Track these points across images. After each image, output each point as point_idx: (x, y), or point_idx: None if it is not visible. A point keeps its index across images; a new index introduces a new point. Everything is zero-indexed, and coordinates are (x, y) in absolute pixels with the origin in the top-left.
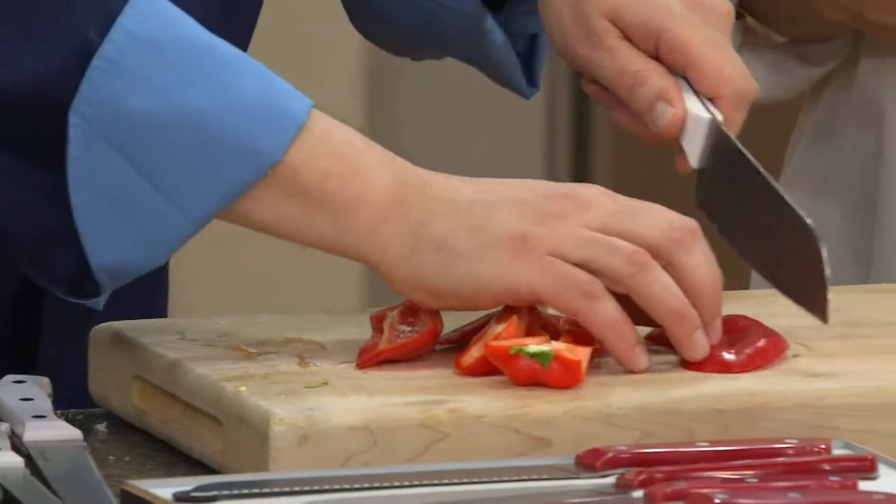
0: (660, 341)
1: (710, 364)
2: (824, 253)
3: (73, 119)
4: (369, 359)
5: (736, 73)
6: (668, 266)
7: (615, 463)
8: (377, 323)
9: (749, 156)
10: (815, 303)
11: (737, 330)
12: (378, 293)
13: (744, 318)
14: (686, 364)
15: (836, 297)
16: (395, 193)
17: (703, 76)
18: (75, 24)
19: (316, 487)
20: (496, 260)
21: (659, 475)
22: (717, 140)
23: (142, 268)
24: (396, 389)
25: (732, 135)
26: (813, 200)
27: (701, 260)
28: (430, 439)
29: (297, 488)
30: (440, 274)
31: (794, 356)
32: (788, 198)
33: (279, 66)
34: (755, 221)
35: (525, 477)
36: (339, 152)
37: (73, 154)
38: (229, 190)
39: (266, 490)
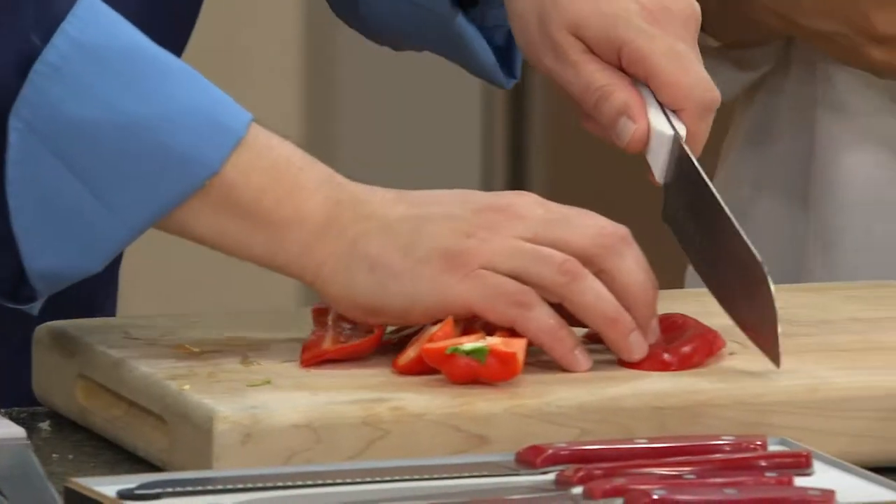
0: (598, 340)
1: (648, 363)
2: (772, 289)
3: (14, 123)
4: (313, 357)
5: (696, 84)
6: (600, 272)
7: (555, 460)
8: (319, 316)
9: (706, 178)
10: (767, 344)
11: (674, 329)
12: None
13: (681, 316)
14: (624, 363)
15: None
16: (329, 213)
17: (664, 89)
18: (19, 29)
19: (259, 485)
20: (429, 277)
21: (598, 472)
22: (680, 157)
23: (78, 274)
24: (339, 388)
25: (695, 151)
26: (746, 203)
27: (632, 265)
28: (372, 437)
29: (240, 485)
30: (374, 293)
31: (731, 354)
32: (739, 227)
33: (216, 74)
34: (711, 247)
35: (465, 474)
36: (276, 170)
37: (12, 158)
38: (166, 200)
39: (210, 487)
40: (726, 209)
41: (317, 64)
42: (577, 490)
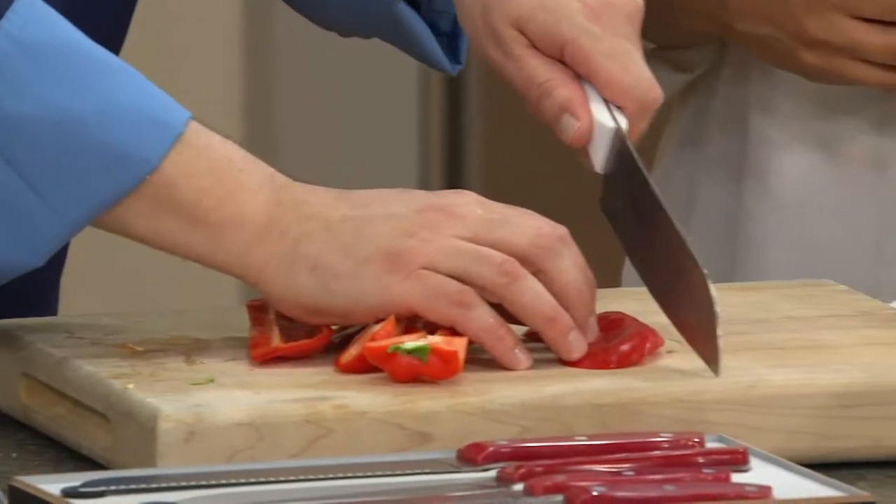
0: (538, 338)
1: (587, 361)
2: (713, 290)
3: None
4: (265, 354)
5: (637, 84)
6: (539, 273)
7: (496, 457)
8: (256, 313)
9: (646, 174)
10: (706, 350)
11: (613, 327)
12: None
13: (620, 315)
14: (564, 361)
15: None
16: (270, 214)
17: (606, 89)
18: None
19: (203, 482)
20: (370, 277)
21: (539, 469)
22: (621, 149)
23: (17, 268)
24: (282, 386)
25: (633, 144)
26: (681, 204)
27: (570, 265)
28: (315, 435)
29: (184, 483)
30: (316, 293)
31: (670, 352)
32: (681, 229)
33: (153, 71)
34: (649, 242)
35: (408, 471)
36: (217, 170)
37: None
38: (104, 196)
39: (154, 485)
40: (666, 207)
41: (255, 61)
42: (518, 487)
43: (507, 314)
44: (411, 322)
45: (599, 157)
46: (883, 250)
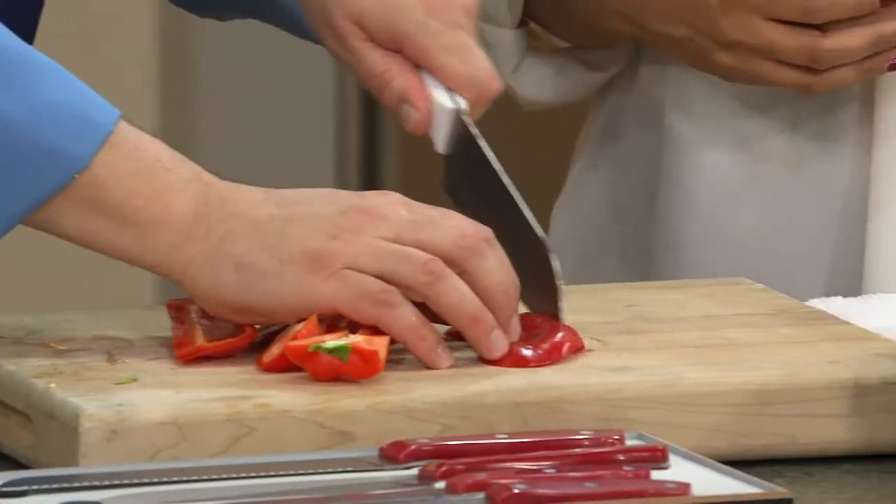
0: (460, 337)
1: (508, 359)
2: (556, 264)
3: None
4: (190, 353)
5: (475, 76)
6: (463, 273)
7: (418, 455)
8: (177, 312)
9: (488, 152)
10: (548, 306)
11: (533, 326)
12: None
13: (540, 314)
14: (485, 360)
15: (629, 293)
16: (196, 213)
17: (443, 80)
18: None
19: (125, 481)
20: (293, 277)
21: (460, 467)
22: (461, 131)
23: None
24: (204, 385)
25: (474, 125)
26: (600, 201)
27: (493, 265)
28: (238, 434)
29: (106, 482)
30: (240, 292)
31: (590, 351)
32: (523, 205)
33: (68, 63)
34: (493, 220)
35: (330, 469)
36: (145, 170)
37: None
38: (34, 195)
39: (76, 484)
40: (507, 182)
41: (172, 55)
42: (440, 485)
43: (429, 313)
44: (334, 321)
45: (441, 139)
46: (799, 249)
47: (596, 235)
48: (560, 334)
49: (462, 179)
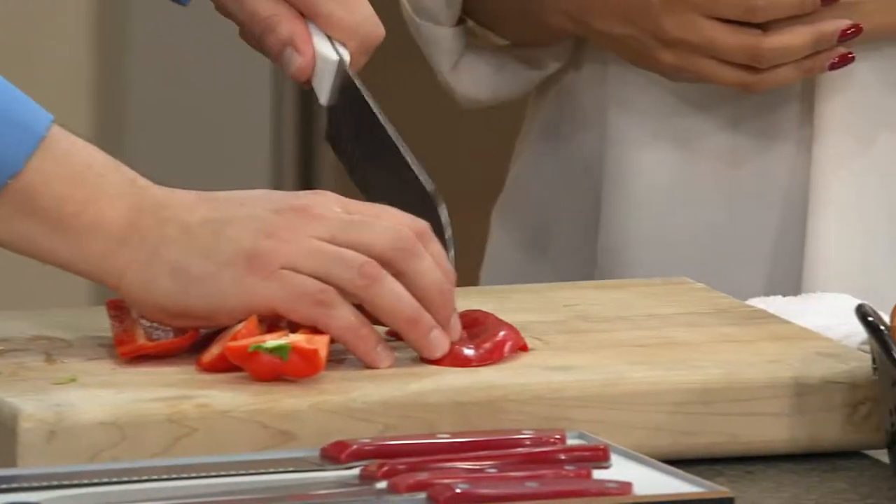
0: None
1: (449, 359)
2: (444, 215)
3: None
4: (132, 351)
5: (362, 22)
6: (399, 274)
7: (359, 455)
8: (116, 311)
9: (371, 102)
10: None
11: (475, 325)
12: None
13: (481, 313)
14: (426, 359)
15: (570, 292)
16: (129, 220)
17: (328, 28)
18: None
19: (65, 482)
20: (230, 279)
21: (402, 466)
22: (344, 81)
23: None
24: (144, 385)
25: (356, 76)
26: (544, 197)
27: (430, 265)
28: (178, 434)
29: (45, 483)
30: (177, 297)
31: (531, 350)
32: (408, 157)
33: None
34: (377, 171)
35: (271, 470)
36: (77, 176)
37: None
38: None
39: (15, 485)
40: (393, 135)
41: (105, 63)
42: (382, 485)
43: (368, 313)
44: (274, 322)
45: (324, 90)
46: (738, 248)
47: (537, 235)
48: (502, 333)
49: (345, 130)
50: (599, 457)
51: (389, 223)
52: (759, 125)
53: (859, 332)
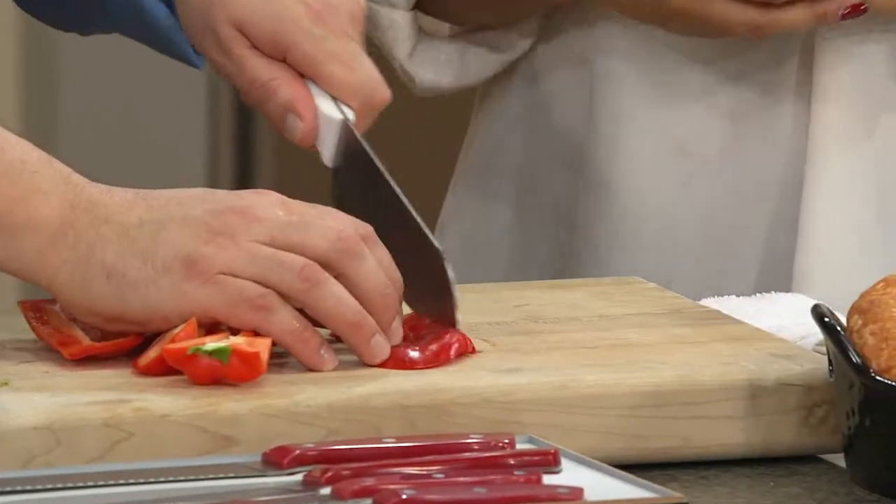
0: None
1: (394, 361)
2: (451, 274)
3: None
4: (79, 352)
5: (364, 84)
6: (340, 276)
7: (302, 460)
8: (36, 312)
9: (378, 162)
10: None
11: (422, 327)
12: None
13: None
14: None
15: (519, 293)
16: (63, 218)
17: (331, 89)
18: None
19: None
20: (167, 285)
21: (346, 472)
22: (348, 140)
23: None
24: (79, 388)
25: (361, 136)
26: (522, 189)
27: (372, 267)
28: (115, 438)
29: None
30: (112, 301)
31: (479, 352)
32: (415, 214)
33: None
34: (386, 230)
35: (211, 475)
36: (9, 172)
37: None
38: None
39: None
40: (399, 192)
41: (35, 57)
42: (326, 491)
43: (310, 315)
44: (214, 325)
45: (328, 151)
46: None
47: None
48: (448, 335)
49: (351, 191)
50: (549, 461)
51: (331, 224)
52: (757, 119)
53: (815, 333)
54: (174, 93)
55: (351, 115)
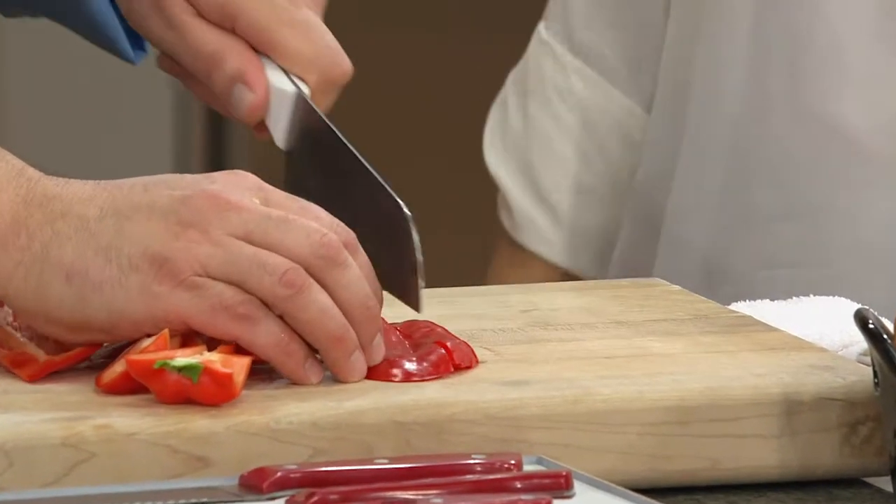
0: None
1: (388, 373)
2: (415, 238)
3: None
4: (39, 371)
5: (320, 55)
6: (319, 285)
7: (283, 484)
8: None
9: (339, 134)
10: (407, 292)
11: (418, 336)
12: None
13: (427, 323)
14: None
15: (527, 296)
16: (16, 216)
17: (284, 61)
18: None
19: None
20: (136, 286)
21: (334, 497)
22: (305, 116)
23: None
24: (35, 406)
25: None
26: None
27: (356, 276)
28: (75, 460)
29: None
30: (73, 307)
31: (482, 363)
32: (381, 179)
33: None
34: (346, 205)
35: (182, 500)
36: None
37: None
38: None
39: None
40: (362, 159)
41: None
42: None
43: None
44: (189, 336)
45: (280, 129)
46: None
47: None
48: (448, 344)
49: (308, 173)
50: (561, 485)
51: (313, 225)
52: None
53: (858, 342)
54: (136, 75)
55: (306, 88)
